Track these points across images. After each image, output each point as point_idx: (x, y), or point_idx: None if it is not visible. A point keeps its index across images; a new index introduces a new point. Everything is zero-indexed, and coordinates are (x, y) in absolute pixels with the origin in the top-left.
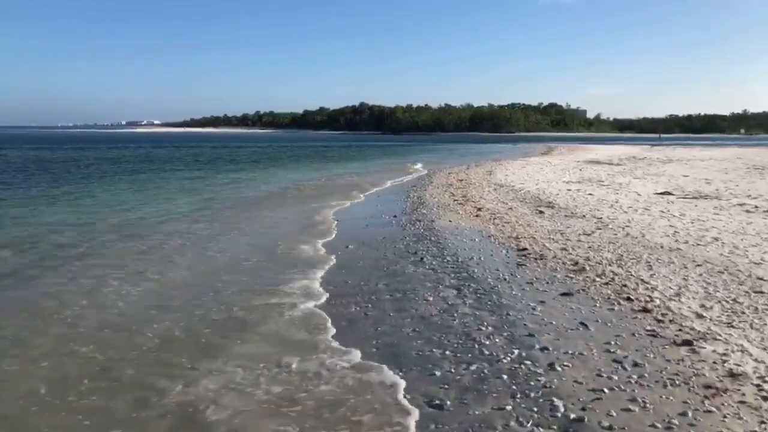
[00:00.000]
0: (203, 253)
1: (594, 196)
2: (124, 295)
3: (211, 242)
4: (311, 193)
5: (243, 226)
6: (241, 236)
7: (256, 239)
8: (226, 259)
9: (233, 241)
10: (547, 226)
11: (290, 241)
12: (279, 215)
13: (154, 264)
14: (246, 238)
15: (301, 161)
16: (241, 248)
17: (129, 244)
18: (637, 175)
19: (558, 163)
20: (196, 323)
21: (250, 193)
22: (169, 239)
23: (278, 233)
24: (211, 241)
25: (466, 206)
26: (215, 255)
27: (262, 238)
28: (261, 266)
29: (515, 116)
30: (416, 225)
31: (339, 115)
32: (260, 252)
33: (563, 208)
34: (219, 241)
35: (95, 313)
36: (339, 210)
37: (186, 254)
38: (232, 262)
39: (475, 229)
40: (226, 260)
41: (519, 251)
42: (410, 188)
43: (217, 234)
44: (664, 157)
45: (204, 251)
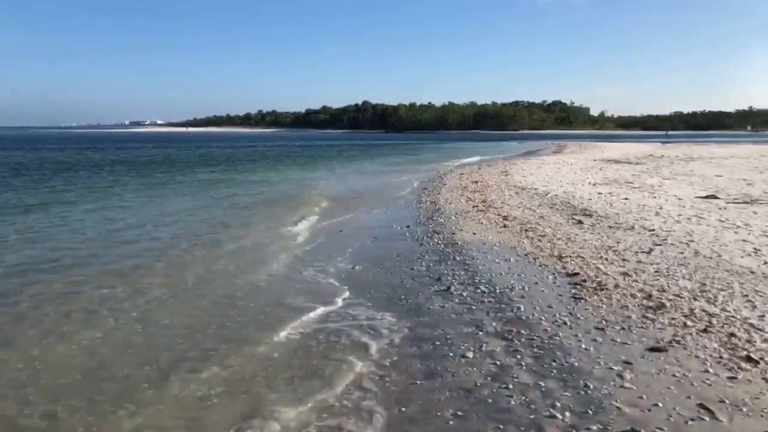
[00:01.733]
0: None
1: (631, 201)
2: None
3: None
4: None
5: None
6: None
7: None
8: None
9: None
10: (592, 241)
11: (295, 265)
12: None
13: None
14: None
15: (318, 161)
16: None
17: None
18: (665, 175)
19: (575, 162)
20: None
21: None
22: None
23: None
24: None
25: (488, 214)
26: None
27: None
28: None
29: (519, 114)
30: (434, 239)
31: (342, 114)
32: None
33: (603, 216)
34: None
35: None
36: (347, 218)
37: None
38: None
39: (506, 245)
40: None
41: (569, 276)
42: (421, 191)
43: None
44: (683, 155)
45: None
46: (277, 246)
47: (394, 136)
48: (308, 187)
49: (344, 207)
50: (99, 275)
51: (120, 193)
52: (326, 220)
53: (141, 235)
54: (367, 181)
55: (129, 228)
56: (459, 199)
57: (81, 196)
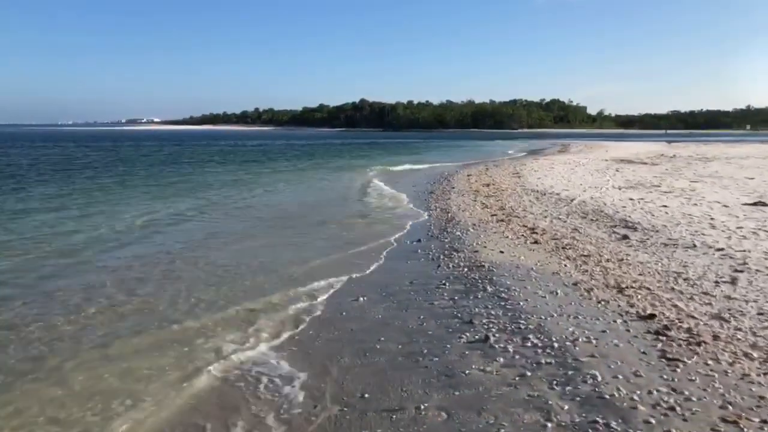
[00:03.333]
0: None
1: (672, 209)
2: None
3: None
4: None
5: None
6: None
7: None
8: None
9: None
10: (651, 265)
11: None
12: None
13: None
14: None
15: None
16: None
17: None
18: (689, 176)
19: (586, 162)
20: None
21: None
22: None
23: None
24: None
25: (511, 225)
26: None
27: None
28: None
29: (518, 112)
30: (454, 259)
31: (339, 112)
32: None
33: (649, 229)
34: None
35: None
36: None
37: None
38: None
39: (546, 269)
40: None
41: (643, 320)
42: (427, 195)
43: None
44: (696, 155)
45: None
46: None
47: (391, 134)
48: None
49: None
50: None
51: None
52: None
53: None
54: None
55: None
56: (473, 206)
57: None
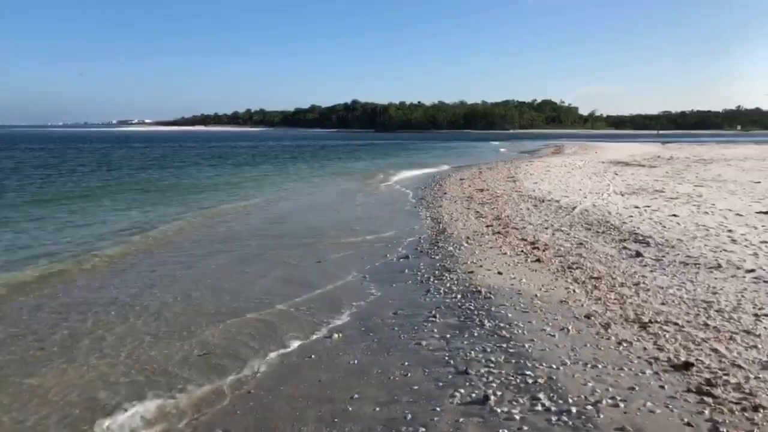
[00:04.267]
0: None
1: (683, 219)
2: None
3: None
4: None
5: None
6: None
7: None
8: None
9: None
10: (673, 291)
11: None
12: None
13: None
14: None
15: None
16: None
17: None
18: (692, 180)
19: (581, 164)
20: None
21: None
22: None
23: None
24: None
25: (509, 238)
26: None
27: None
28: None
29: (510, 113)
30: (446, 281)
31: (331, 113)
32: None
33: (663, 244)
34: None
35: None
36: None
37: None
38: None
39: (552, 296)
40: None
41: (679, 372)
42: (418, 201)
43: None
44: (693, 157)
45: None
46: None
47: (383, 135)
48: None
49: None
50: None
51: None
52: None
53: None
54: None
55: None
56: (466, 215)
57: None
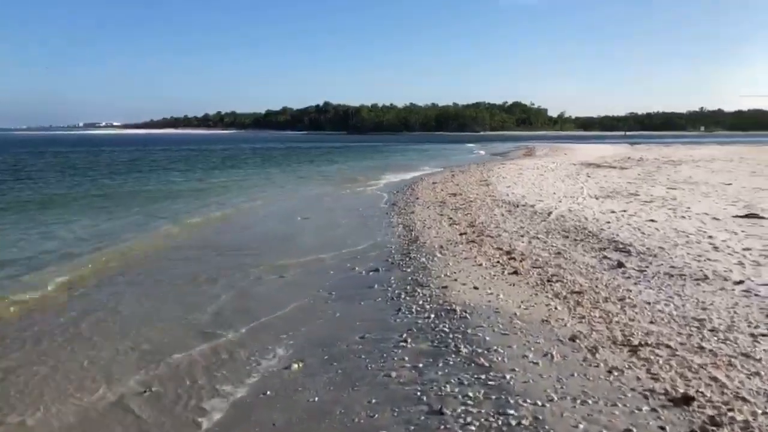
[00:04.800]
0: None
1: (660, 224)
2: None
3: None
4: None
5: None
6: None
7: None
8: None
9: None
10: (660, 306)
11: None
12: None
13: None
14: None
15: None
16: None
17: None
18: (663, 182)
19: (553, 167)
20: None
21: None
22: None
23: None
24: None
25: (484, 247)
26: None
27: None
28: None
29: (481, 115)
30: (418, 298)
31: (303, 115)
32: None
33: (645, 252)
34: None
35: None
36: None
37: None
38: None
39: (532, 314)
40: None
41: (678, 406)
42: (390, 207)
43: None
44: (662, 158)
45: None
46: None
47: (356, 137)
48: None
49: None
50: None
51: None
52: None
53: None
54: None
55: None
56: (439, 222)
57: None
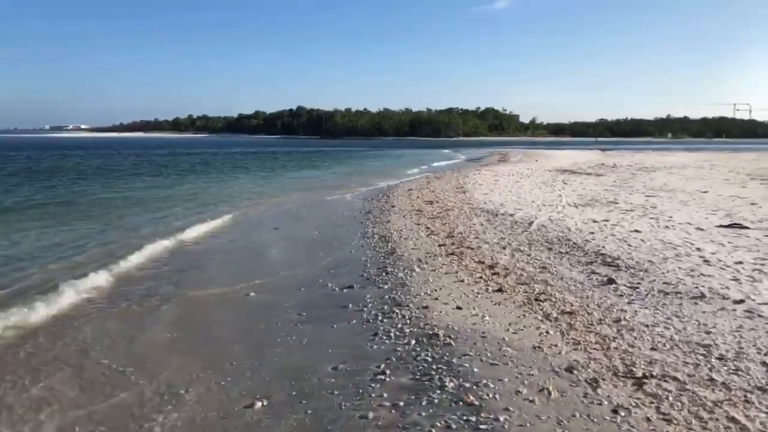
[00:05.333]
0: None
1: (645, 235)
2: None
3: None
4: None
5: None
6: None
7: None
8: None
9: None
10: (662, 329)
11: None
12: None
13: None
14: None
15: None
16: None
17: None
18: (641, 190)
19: (529, 173)
20: None
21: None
22: None
23: None
24: None
25: (465, 260)
26: None
27: None
28: None
29: (454, 121)
30: (396, 321)
31: (276, 119)
32: None
33: (635, 267)
34: None
35: None
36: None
37: None
38: None
39: (523, 340)
40: None
41: None
42: (365, 215)
43: None
44: (635, 164)
45: None
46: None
47: (330, 141)
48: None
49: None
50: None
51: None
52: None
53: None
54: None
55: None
56: (417, 232)
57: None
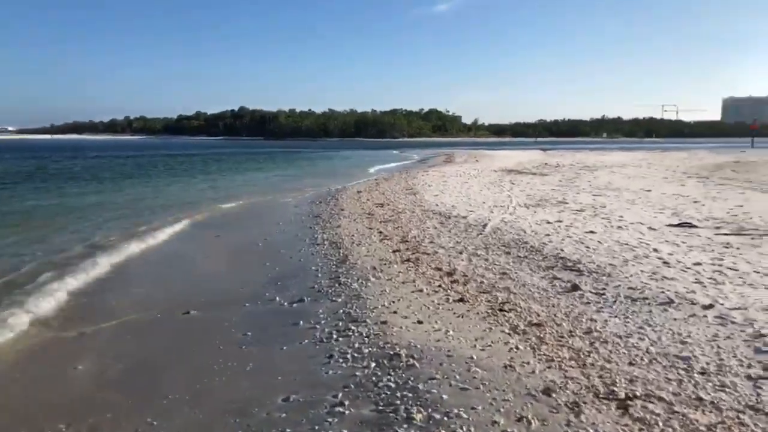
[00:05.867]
0: None
1: (600, 236)
2: None
3: None
4: None
5: None
6: None
7: None
8: None
9: None
10: (636, 341)
11: None
12: None
13: None
14: None
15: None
16: None
17: None
18: (587, 189)
19: (475, 173)
20: None
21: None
22: None
23: None
24: None
25: (422, 267)
26: None
27: None
28: None
29: (399, 122)
30: (352, 338)
31: (217, 120)
32: None
33: (596, 271)
34: None
35: None
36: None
37: None
38: None
39: (492, 358)
40: None
41: None
42: (313, 219)
43: None
44: (577, 163)
45: None
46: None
47: (275, 143)
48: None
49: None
50: None
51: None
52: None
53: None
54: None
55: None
56: (369, 237)
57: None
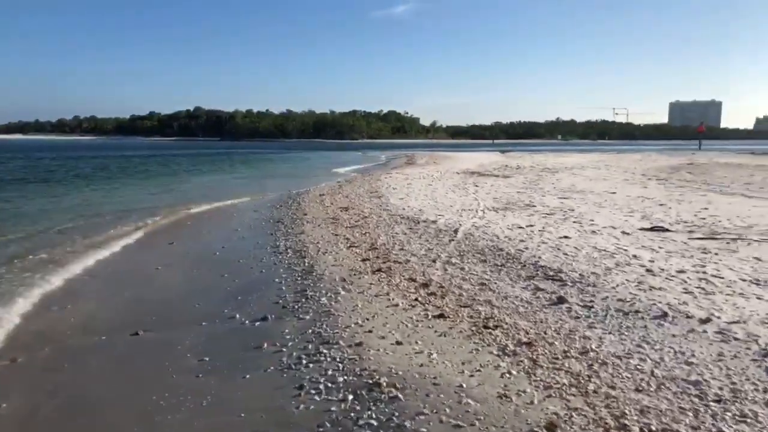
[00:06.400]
0: None
1: (575, 241)
2: None
3: None
4: None
5: None
6: None
7: None
8: None
9: None
10: (636, 362)
11: None
12: None
13: None
14: None
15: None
16: None
17: None
18: (551, 192)
19: (439, 176)
20: None
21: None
22: None
23: None
24: None
25: (394, 278)
26: None
27: None
28: None
29: (358, 123)
30: (324, 366)
31: (172, 120)
32: None
33: (580, 281)
34: None
35: None
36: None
37: None
38: None
39: (485, 385)
40: None
41: None
42: (274, 225)
43: None
44: (538, 166)
45: None
46: None
47: (231, 144)
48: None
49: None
50: None
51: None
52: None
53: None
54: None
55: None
56: (336, 244)
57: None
